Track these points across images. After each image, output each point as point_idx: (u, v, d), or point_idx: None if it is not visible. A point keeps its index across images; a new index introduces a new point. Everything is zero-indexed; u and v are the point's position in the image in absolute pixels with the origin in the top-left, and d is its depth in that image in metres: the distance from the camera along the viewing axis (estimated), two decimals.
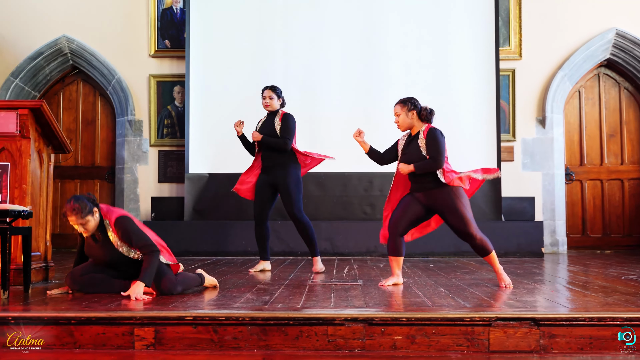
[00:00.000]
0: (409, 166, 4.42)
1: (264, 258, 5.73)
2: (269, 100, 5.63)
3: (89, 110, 8.89)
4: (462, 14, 8.13)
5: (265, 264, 5.71)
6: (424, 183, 4.44)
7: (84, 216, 3.88)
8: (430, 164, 4.37)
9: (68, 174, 8.76)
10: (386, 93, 7.94)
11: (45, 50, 8.56)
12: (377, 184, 7.93)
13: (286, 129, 5.53)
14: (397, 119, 4.58)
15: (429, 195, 4.43)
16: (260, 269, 5.65)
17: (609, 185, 8.67)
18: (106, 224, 3.99)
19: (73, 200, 3.91)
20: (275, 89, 5.68)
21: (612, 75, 8.75)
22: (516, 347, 3.15)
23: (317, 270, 5.52)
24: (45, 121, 4.68)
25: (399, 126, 4.60)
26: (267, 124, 5.64)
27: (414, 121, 4.54)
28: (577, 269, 5.91)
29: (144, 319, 3.22)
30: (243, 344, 3.19)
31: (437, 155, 4.36)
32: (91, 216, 3.92)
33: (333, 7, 8.16)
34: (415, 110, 4.52)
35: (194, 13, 8.16)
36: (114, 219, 3.98)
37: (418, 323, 3.18)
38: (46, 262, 4.89)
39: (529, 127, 8.44)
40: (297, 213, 5.51)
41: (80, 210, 3.86)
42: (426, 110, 4.52)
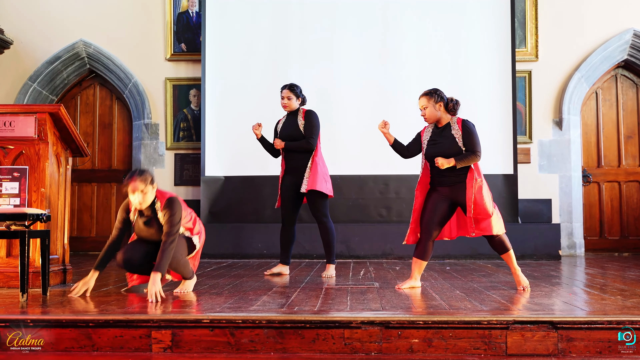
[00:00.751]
0: (450, 160, 4.31)
1: (284, 262, 5.61)
2: (287, 100, 5.51)
3: (106, 113, 8.96)
4: (478, 15, 8.11)
5: (283, 267, 5.59)
6: (451, 177, 4.39)
7: (147, 185, 4.02)
8: (471, 157, 4.34)
9: (85, 177, 8.83)
10: (402, 95, 7.95)
11: (62, 55, 8.63)
12: (393, 187, 7.91)
13: (310, 127, 5.42)
14: (424, 112, 4.49)
15: (455, 189, 4.39)
16: (277, 271, 5.56)
17: (627, 187, 8.59)
18: (157, 206, 4.13)
19: (138, 170, 4.08)
20: (293, 88, 5.54)
21: (629, 77, 8.68)
22: (534, 350, 3.13)
23: (327, 275, 5.39)
24: (62, 125, 4.72)
25: (427, 119, 4.50)
26: (290, 124, 5.52)
27: (441, 113, 4.48)
28: (595, 272, 5.86)
29: (161, 321, 3.23)
30: (260, 347, 3.19)
31: (478, 147, 4.37)
32: (151, 188, 4.06)
33: (349, 8, 8.16)
34: (442, 102, 4.47)
35: (210, 17, 8.20)
36: (164, 200, 4.10)
37: (435, 326, 3.17)
38: (64, 265, 4.93)
39: (546, 128, 8.39)
40: (322, 216, 5.46)
41: (146, 179, 4.02)
42: (452, 102, 4.48)
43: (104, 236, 8.79)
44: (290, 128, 5.50)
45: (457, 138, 4.40)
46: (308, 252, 7.47)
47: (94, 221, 8.83)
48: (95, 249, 8.75)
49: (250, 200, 7.92)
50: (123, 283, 4.91)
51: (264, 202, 7.89)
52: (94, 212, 8.83)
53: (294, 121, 5.51)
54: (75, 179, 8.55)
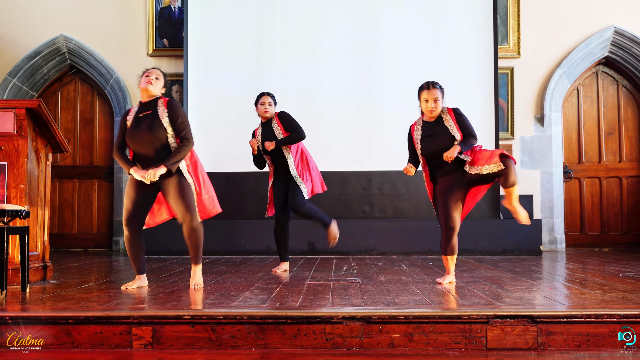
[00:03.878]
0: (456, 148, 4.36)
1: (286, 259, 5.65)
2: (268, 106, 5.47)
3: (87, 109, 8.89)
4: (461, 12, 8.14)
5: (286, 264, 5.64)
6: (449, 166, 4.48)
7: (161, 78, 4.39)
8: (472, 140, 4.45)
9: (66, 173, 8.76)
10: (384, 91, 7.97)
11: (43, 50, 8.55)
12: (376, 183, 7.93)
13: (291, 122, 5.43)
14: (435, 105, 4.50)
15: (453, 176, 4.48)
16: (283, 269, 5.57)
17: (607, 183, 8.68)
18: (160, 102, 4.32)
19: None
20: (272, 95, 5.55)
21: (610, 73, 8.75)
22: (514, 344, 3.15)
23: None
24: (42, 121, 4.68)
25: (434, 112, 4.52)
26: (268, 131, 5.49)
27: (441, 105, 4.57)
28: (575, 267, 5.91)
29: (141, 318, 3.22)
30: (241, 343, 3.19)
31: (474, 131, 4.48)
32: (163, 84, 4.41)
33: (332, 5, 8.16)
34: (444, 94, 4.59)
35: (192, 12, 8.15)
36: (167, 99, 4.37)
37: (416, 321, 3.18)
38: (44, 262, 4.88)
39: (528, 125, 8.45)
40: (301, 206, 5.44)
41: (164, 74, 4.46)
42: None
43: (85, 233, 8.74)
44: (269, 135, 5.48)
45: (450, 128, 4.46)
46: (290, 249, 7.45)
47: (75, 218, 8.76)
48: (76, 245, 8.70)
49: (233, 197, 7.89)
50: (105, 279, 4.88)
51: (247, 199, 7.88)
52: (75, 209, 8.77)
53: (269, 128, 5.49)
54: (56, 175, 8.48)
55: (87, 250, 8.65)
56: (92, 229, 8.76)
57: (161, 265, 6.13)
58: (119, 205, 8.48)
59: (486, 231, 7.37)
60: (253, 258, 7.04)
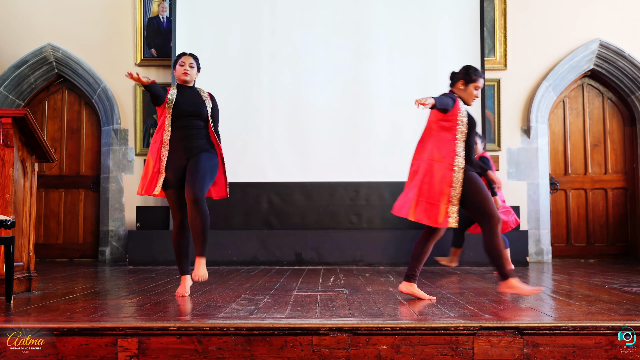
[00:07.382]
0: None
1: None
2: (189, 68, 4.66)
3: (74, 119, 8.85)
4: (448, 24, 8.20)
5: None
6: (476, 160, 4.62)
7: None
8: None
9: (52, 183, 8.71)
10: (372, 102, 8.00)
11: (30, 59, 8.51)
12: (364, 194, 7.94)
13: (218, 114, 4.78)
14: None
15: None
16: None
17: (593, 194, 8.74)
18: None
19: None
20: (197, 58, 4.76)
21: (595, 86, 8.83)
22: (500, 356, 3.16)
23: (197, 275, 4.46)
24: (29, 130, 4.65)
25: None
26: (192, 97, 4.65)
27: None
28: (561, 278, 5.94)
29: (127, 329, 3.20)
30: (227, 355, 3.17)
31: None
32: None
33: (321, 15, 8.19)
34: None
35: (181, 22, 8.16)
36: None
37: (403, 333, 3.18)
38: (29, 273, 4.84)
39: (514, 136, 8.50)
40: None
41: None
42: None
43: (71, 243, 8.68)
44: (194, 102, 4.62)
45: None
46: (278, 259, 7.46)
47: (61, 227, 8.70)
48: (62, 255, 8.63)
49: (219, 206, 7.86)
50: (90, 290, 4.85)
51: (234, 209, 7.86)
52: (61, 219, 8.71)
53: (196, 95, 4.68)
54: (42, 184, 8.43)
55: (73, 260, 8.59)
56: (78, 239, 8.70)
57: (147, 276, 6.10)
58: (105, 215, 8.43)
59: (473, 242, 7.38)
60: (240, 269, 7.02)
